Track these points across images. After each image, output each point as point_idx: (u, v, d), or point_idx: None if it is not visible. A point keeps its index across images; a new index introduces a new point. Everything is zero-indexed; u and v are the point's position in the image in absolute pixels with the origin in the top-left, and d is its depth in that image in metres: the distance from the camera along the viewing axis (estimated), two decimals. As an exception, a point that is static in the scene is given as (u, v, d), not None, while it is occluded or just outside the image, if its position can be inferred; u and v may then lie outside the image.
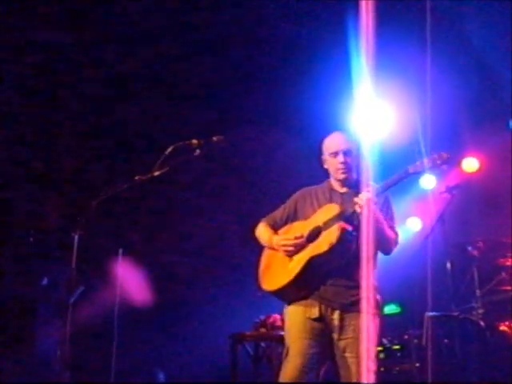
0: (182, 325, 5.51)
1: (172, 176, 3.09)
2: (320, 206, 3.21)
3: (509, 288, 4.76)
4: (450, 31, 5.29)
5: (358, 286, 2.96)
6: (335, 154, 3.25)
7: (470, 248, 4.86)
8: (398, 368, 4.53)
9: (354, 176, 3.26)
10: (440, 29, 5.04)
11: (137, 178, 3.08)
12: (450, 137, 5.80)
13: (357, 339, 2.97)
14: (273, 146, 3.06)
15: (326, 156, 3.31)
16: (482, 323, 4.33)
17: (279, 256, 3.19)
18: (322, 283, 3.06)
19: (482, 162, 5.97)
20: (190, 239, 5.35)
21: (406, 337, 4.70)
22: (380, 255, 3.25)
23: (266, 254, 3.30)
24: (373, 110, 5.42)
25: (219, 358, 5.09)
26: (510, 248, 4.87)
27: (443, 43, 5.22)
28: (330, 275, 3.05)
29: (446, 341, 4.23)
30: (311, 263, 3.03)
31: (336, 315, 3.05)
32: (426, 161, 3.02)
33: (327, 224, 3.07)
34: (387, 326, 4.99)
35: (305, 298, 3.09)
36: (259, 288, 3.22)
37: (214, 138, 3.12)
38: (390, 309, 5.87)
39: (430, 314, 4.01)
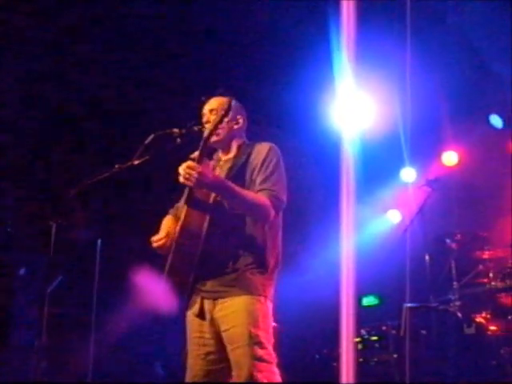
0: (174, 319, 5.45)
1: (154, 165, 3.03)
2: None
3: (485, 280, 4.82)
4: (432, 25, 5.31)
5: (229, 267, 2.70)
6: (203, 115, 2.97)
7: (448, 241, 4.91)
8: (375, 359, 4.58)
9: (231, 138, 2.93)
10: (421, 22, 5.06)
11: (116, 166, 3.02)
12: (431, 130, 5.85)
13: (237, 327, 2.63)
14: (251, 139, 3.07)
15: None
16: (459, 314, 4.38)
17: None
18: (196, 276, 2.73)
19: (461, 155, 6.02)
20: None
21: (384, 328, 4.75)
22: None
23: None
24: (354, 103, 5.44)
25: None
26: (487, 241, 4.94)
27: (425, 37, 5.24)
28: (201, 263, 2.69)
29: (423, 332, 4.27)
30: (173, 259, 2.72)
31: (217, 307, 2.71)
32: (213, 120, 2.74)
33: (182, 209, 2.78)
34: (366, 318, 5.04)
35: (191, 295, 2.78)
36: None
37: (195, 128, 3.05)
38: (369, 300, 5.92)
39: (408, 304, 4.03)
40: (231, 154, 2.94)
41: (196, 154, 2.72)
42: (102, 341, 4.49)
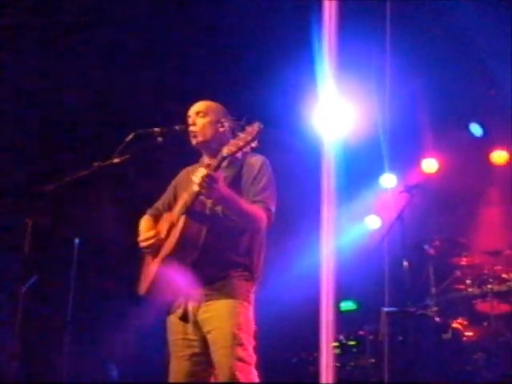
0: (140, 318, 5.40)
1: (133, 164, 2.99)
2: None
3: (462, 287, 4.86)
4: (411, 32, 5.33)
5: (220, 274, 2.77)
6: (188, 117, 2.98)
7: (426, 247, 4.94)
8: (353, 363, 4.58)
9: (218, 143, 2.85)
10: (401, 29, 5.09)
11: (96, 164, 2.98)
12: (411, 137, 5.89)
13: (221, 328, 2.70)
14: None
15: None
16: (437, 319, 4.41)
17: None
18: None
19: (441, 163, 6.07)
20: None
21: (361, 333, 4.75)
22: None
23: None
24: (335, 109, 5.45)
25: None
26: (465, 248, 4.98)
27: (405, 44, 5.28)
28: (190, 270, 2.75)
29: (400, 337, 4.28)
30: (166, 263, 2.76)
31: (200, 309, 2.77)
32: (236, 141, 2.62)
33: (178, 217, 2.79)
34: (343, 323, 5.04)
35: (175, 298, 2.84)
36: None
37: (177, 127, 3.03)
38: (347, 305, 5.93)
39: (386, 309, 4.05)
40: (214, 161, 2.88)
41: (212, 162, 2.71)
42: (77, 340, 4.44)
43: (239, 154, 2.65)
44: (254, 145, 2.65)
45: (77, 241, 4.55)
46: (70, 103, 5.14)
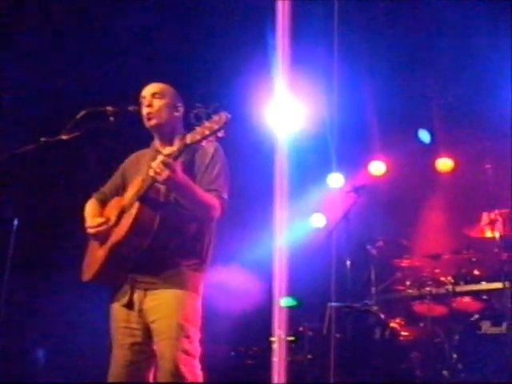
0: (80, 302, 5.27)
1: (81, 141, 2.90)
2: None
3: (402, 288, 4.97)
4: (363, 35, 5.40)
5: (167, 262, 2.73)
6: (143, 98, 2.90)
7: (369, 247, 5.02)
8: (290, 359, 4.61)
9: (172, 128, 2.87)
10: (352, 33, 5.15)
11: (42, 139, 2.87)
12: (361, 139, 5.98)
13: (168, 319, 2.66)
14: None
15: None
16: (382, 316, 4.49)
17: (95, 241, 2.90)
18: (132, 267, 2.76)
19: (388, 166, 6.18)
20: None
21: (300, 329, 4.79)
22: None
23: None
24: (287, 107, 5.47)
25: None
26: (406, 250, 5.09)
27: (356, 47, 5.35)
28: (138, 257, 2.72)
29: (342, 333, 4.33)
30: (114, 250, 2.73)
31: (147, 297, 2.72)
32: (201, 128, 2.54)
33: (131, 203, 2.75)
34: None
35: (121, 285, 2.79)
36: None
37: (130, 108, 2.96)
38: (287, 302, 5.94)
39: (333, 304, 4.10)
40: (174, 148, 2.80)
41: (171, 150, 2.66)
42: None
43: (204, 142, 2.59)
44: (220, 134, 2.57)
45: (16, 221, 4.38)
46: (21, 77, 4.96)
